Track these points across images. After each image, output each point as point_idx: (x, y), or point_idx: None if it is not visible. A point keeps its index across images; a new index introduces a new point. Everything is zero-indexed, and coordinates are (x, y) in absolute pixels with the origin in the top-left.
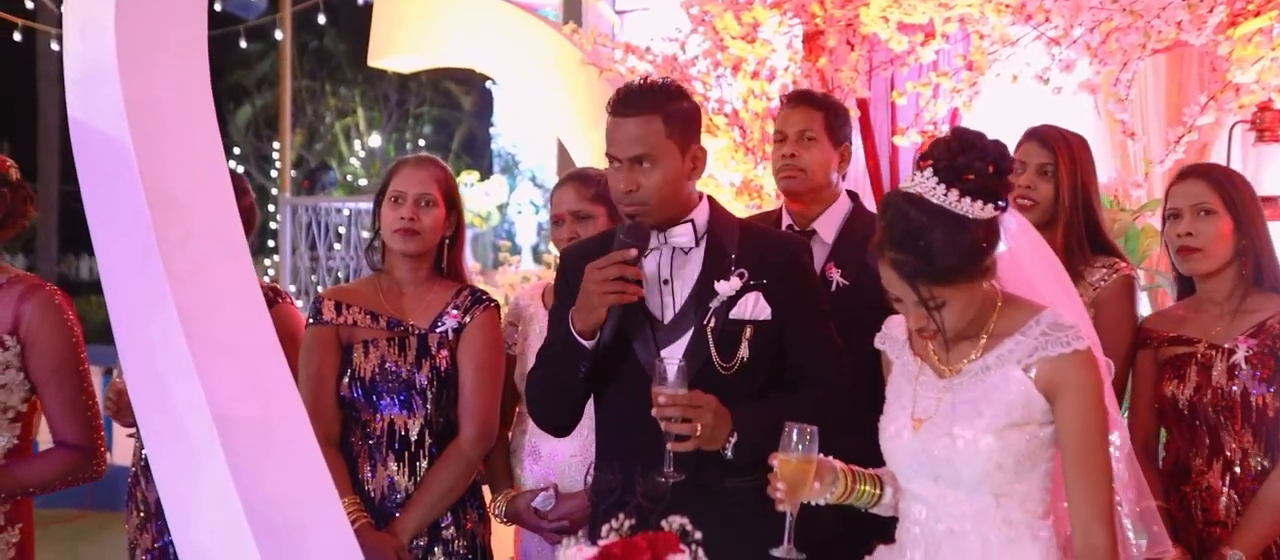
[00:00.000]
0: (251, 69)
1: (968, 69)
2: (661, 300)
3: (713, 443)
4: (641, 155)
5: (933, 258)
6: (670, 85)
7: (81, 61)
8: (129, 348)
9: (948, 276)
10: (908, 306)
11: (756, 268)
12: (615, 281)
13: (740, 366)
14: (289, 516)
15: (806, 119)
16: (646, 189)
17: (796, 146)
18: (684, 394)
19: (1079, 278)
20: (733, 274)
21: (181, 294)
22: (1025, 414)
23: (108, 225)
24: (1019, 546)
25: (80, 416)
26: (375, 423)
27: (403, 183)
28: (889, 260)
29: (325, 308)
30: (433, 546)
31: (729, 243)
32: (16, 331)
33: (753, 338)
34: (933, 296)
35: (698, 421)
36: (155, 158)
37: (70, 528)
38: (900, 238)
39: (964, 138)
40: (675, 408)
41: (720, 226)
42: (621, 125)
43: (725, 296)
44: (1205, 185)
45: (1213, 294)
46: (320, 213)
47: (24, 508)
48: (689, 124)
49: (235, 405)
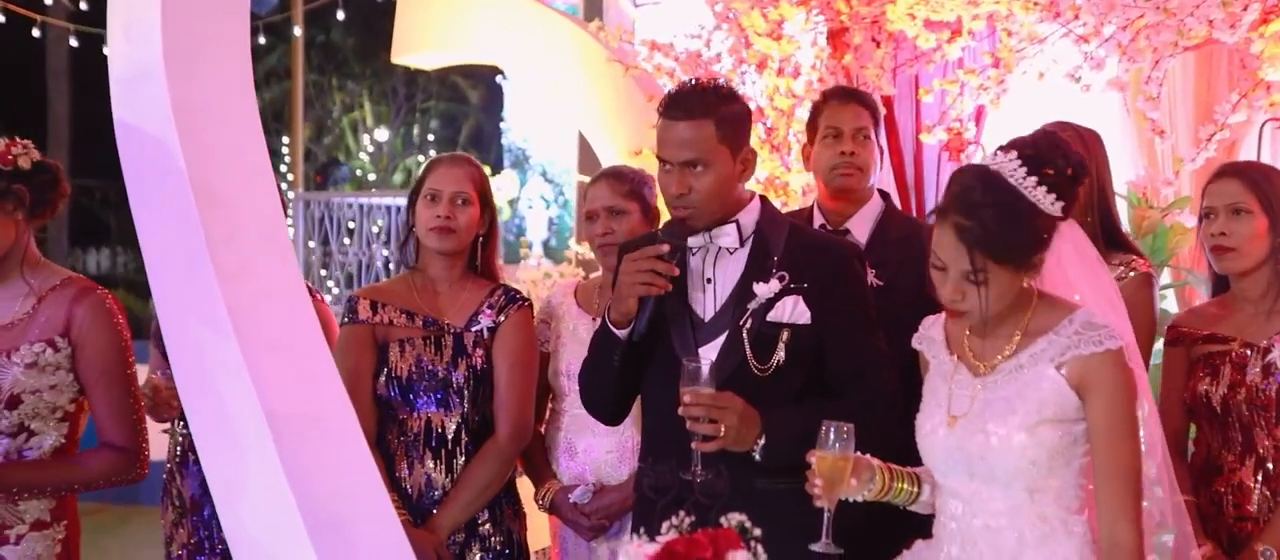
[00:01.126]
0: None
1: (995, 66)
2: (704, 299)
3: (740, 445)
4: (694, 160)
5: (996, 231)
6: (722, 88)
7: (126, 62)
8: (178, 346)
9: (1002, 254)
10: (951, 277)
11: (799, 271)
12: (646, 273)
13: (776, 369)
14: (339, 510)
15: (859, 116)
16: (698, 193)
17: (855, 144)
18: (708, 394)
19: None
20: (773, 276)
21: (229, 291)
22: (1058, 411)
23: (155, 224)
24: (1053, 541)
25: (126, 419)
26: (412, 421)
27: (438, 181)
28: (952, 224)
29: (361, 307)
30: (470, 543)
31: (775, 245)
32: (68, 333)
33: (790, 341)
34: (982, 270)
35: (722, 422)
36: (201, 157)
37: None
38: (970, 204)
39: (1052, 138)
40: (700, 407)
41: (769, 228)
42: (673, 128)
43: (763, 299)
44: (1240, 184)
45: (1247, 292)
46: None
47: (69, 505)
48: (740, 127)
49: (285, 401)
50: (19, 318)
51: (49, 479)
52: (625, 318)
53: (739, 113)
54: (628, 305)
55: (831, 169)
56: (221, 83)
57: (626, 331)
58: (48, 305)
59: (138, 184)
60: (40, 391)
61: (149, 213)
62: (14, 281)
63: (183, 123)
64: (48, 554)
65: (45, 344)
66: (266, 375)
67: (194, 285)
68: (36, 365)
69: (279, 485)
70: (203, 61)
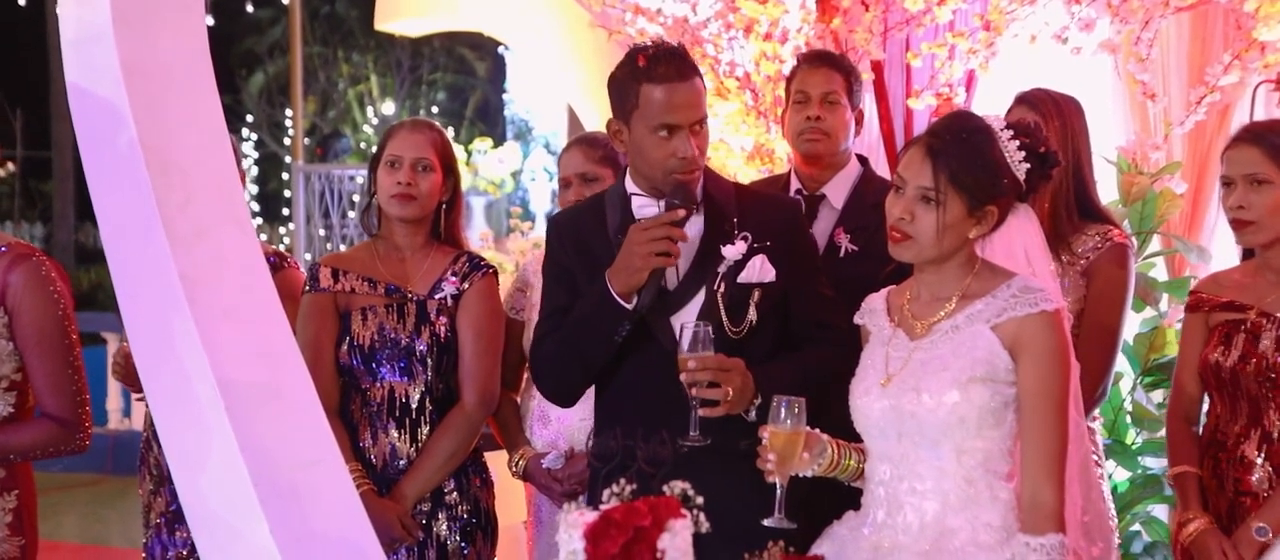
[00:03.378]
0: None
1: (985, 29)
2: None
3: (739, 406)
4: (703, 117)
5: (964, 157)
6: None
7: (77, 23)
8: (133, 313)
9: (963, 180)
10: (907, 194)
11: (758, 231)
12: (661, 242)
13: (749, 330)
14: (295, 479)
15: (829, 81)
16: (703, 152)
17: (821, 109)
18: (712, 357)
19: (1066, 246)
20: (737, 237)
21: (183, 258)
22: (989, 370)
23: (108, 190)
24: (977, 505)
25: (65, 389)
26: (375, 390)
27: (399, 147)
28: (924, 142)
29: (322, 274)
30: (436, 511)
31: (728, 207)
32: (4, 301)
33: (760, 301)
34: (942, 192)
35: (727, 385)
36: (154, 121)
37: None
38: (946, 130)
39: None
40: (706, 372)
41: (717, 191)
42: (682, 90)
43: (732, 260)
44: (1259, 152)
45: (1272, 261)
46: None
47: (20, 474)
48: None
49: (239, 369)
50: None
51: None
52: (631, 291)
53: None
54: (639, 277)
55: (799, 134)
56: (175, 45)
57: (633, 304)
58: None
59: (91, 149)
60: None
61: (102, 179)
62: None
63: (134, 86)
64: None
65: None
66: (221, 344)
67: (147, 252)
68: None
69: (232, 455)
70: (155, 24)
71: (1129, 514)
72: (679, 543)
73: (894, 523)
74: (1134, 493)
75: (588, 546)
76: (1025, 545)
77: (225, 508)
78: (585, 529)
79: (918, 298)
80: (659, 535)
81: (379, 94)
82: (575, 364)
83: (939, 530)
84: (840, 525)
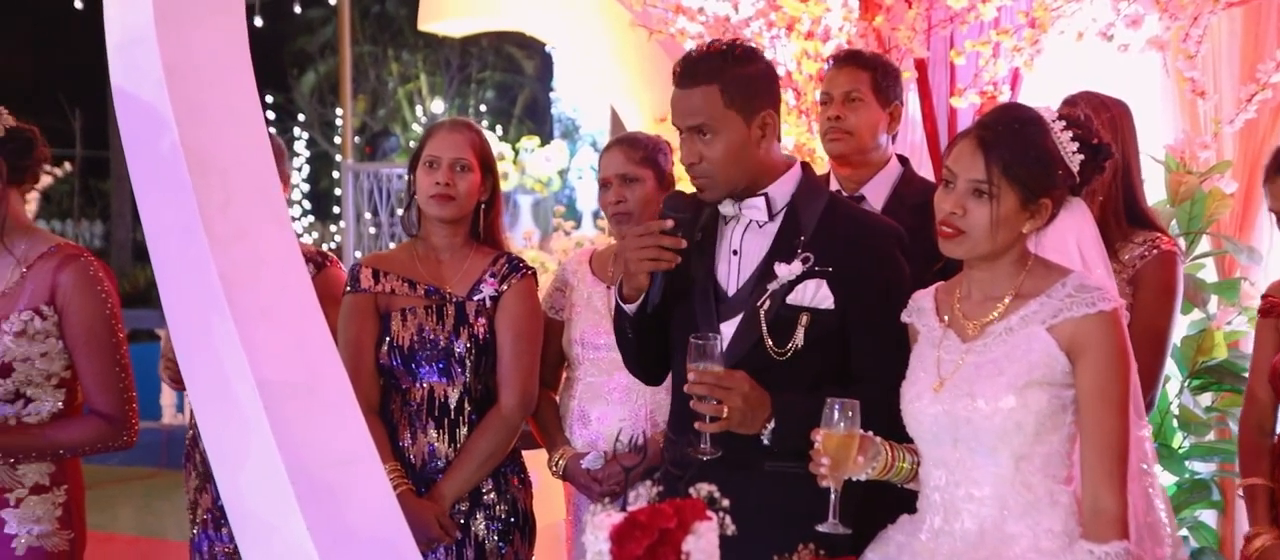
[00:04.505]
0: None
1: (1030, 26)
2: (730, 271)
3: (746, 427)
4: (699, 125)
5: (1017, 149)
6: (735, 49)
7: (121, 27)
8: (175, 313)
9: (1017, 172)
10: (958, 187)
11: (826, 253)
12: (651, 248)
13: (794, 353)
14: (331, 478)
15: (853, 79)
16: (709, 161)
17: (842, 108)
18: (714, 372)
19: (1114, 254)
20: (796, 257)
21: (222, 259)
22: (1047, 373)
23: (151, 191)
24: (1038, 511)
25: (112, 386)
26: (414, 390)
27: (437, 147)
28: (975, 135)
29: (363, 275)
30: (474, 511)
31: (805, 223)
32: (53, 301)
33: (809, 325)
34: (996, 185)
35: (727, 403)
36: (195, 123)
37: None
38: (998, 121)
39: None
40: (704, 386)
41: (804, 202)
42: (680, 97)
43: (783, 280)
44: None
45: None
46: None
47: (70, 469)
48: (754, 89)
49: (277, 369)
50: (9, 287)
51: (28, 445)
52: (636, 292)
53: (752, 75)
54: (638, 280)
55: (823, 134)
56: (216, 47)
57: (636, 306)
58: (35, 273)
59: (135, 151)
60: (31, 359)
61: (146, 180)
62: (3, 251)
63: (175, 88)
64: (48, 517)
65: (33, 312)
66: (259, 343)
67: (188, 253)
68: (25, 333)
69: (270, 453)
70: (196, 26)
71: (1176, 519)
72: (704, 545)
73: (951, 529)
74: (1181, 498)
75: (613, 548)
76: (1088, 553)
77: (263, 504)
78: (611, 530)
79: (968, 296)
80: (684, 537)
81: (428, 92)
82: (622, 354)
83: (999, 537)
84: (895, 530)
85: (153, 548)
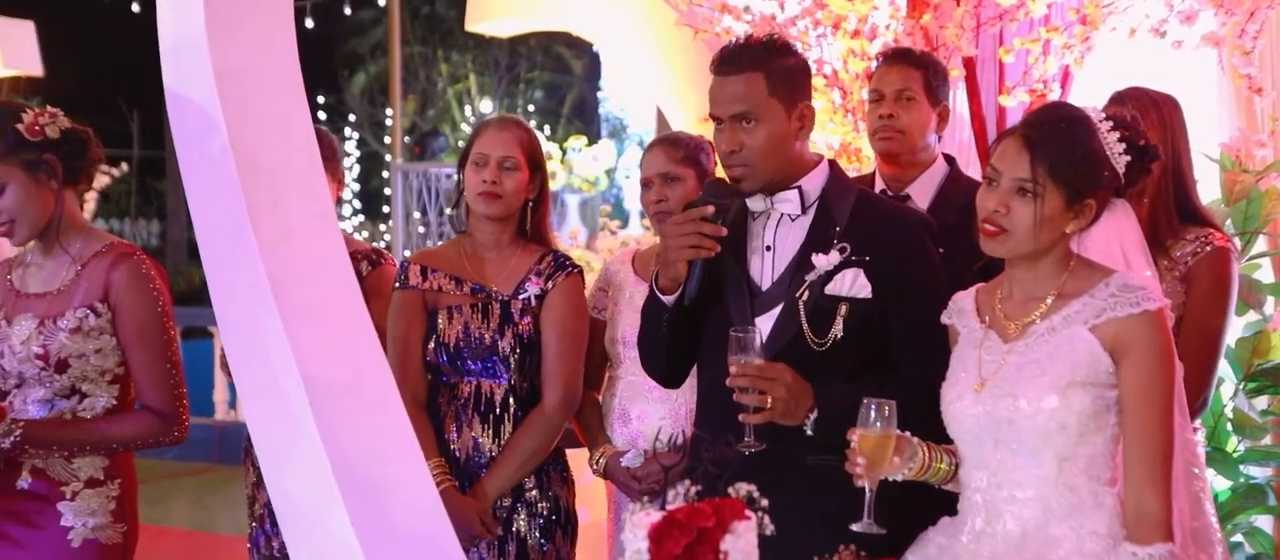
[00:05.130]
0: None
1: (1081, 23)
2: (763, 266)
3: (790, 418)
4: (743, 113)
5: (1063, 147)
6: (775, 41)
7: (173, 32)
8: (225, 311)
9: (1062, 171)
10: (1002, 185)
11: (862, 243)
12: (692, 236)
13: (833, 344)
14: (376, 475)
15: (904, 78)
16: (750, 149)
17: (894, 106)
18: (755, 365)
19: (1164, 251)
20: (834, 247)
21: (270, 258)
22: (1090, 373)
23: (202, 192)
24: (1082, 513)
25: (163, 382)
26: (461, 386)
27: (485, 145)
28: (1020, 133)
29: (411, 272)
30: (516, 508)
31: (839, 214)
32: (107, 298)
33: (848, 316)
34: (1040, 184)
35: (770, 394)
36: (244, 125)
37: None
38: (1044, 120)
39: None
40: (746, 378)
41: (834, 195)
42: (722, 84)
43: (821, 270)
44: None
45: None
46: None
47: (123, 463)
48: (794, 81)
49: (323, 367)
50: (64, 284)
51: (83, 438)
52: (673, 283)
53: (793, 67)
54: (676, 270)
55: (873, 133)
56: (265, 51)
57: (674, 297)
58: (89, 271)
59: (186, 153)
60: (86, 355)
61: (197, 181)
62: (59, 250)
63: (226, 91)
64: (102, 510)
65: (87, 309)
66: (305, 341)
67: (237, 252)
68: (81, 330)
69: (316, 449)
70: (246, 29)
71: (1230, 524)
72: (743, 544)
73: (993, 531)
74: (1235, 502)
75: (651, 546)
76: (1132, 555)
77: (309, 500)
78: (649, 529)
79: (1010, 297)
80: (722, 536)
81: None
82: (649, 352)
83: (1042, 539)
84: (935, 532)
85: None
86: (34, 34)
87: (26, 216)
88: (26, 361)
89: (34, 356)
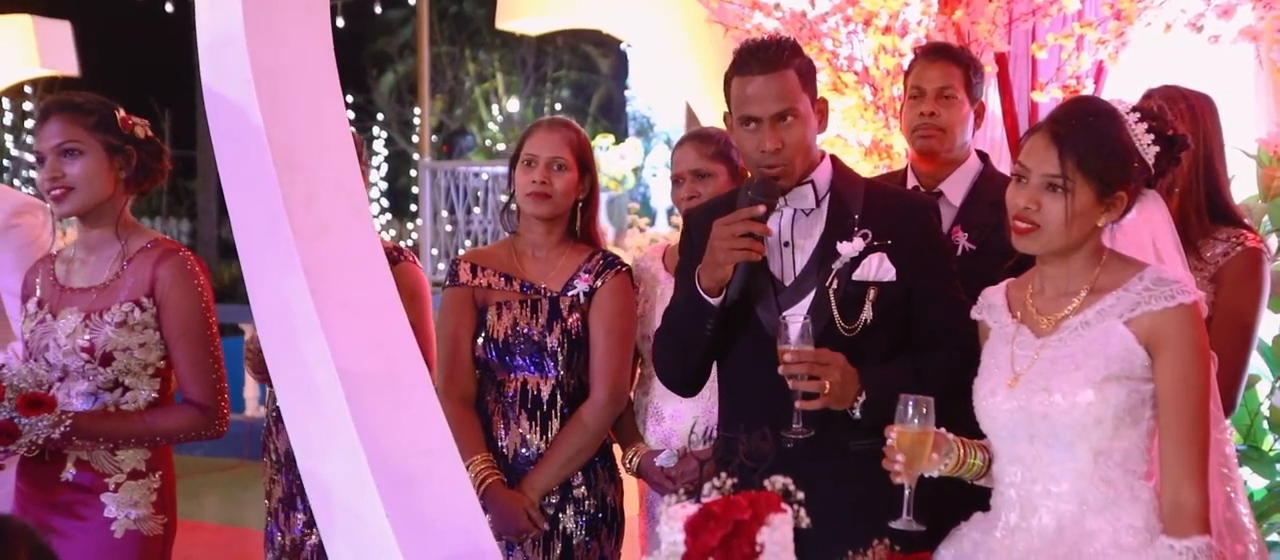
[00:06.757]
0: (394, 35)
1: (1115, 18)
2: (783, 263)
3: (842, 402)
4: (784, 111)
5: (1092, 142)
6: (789, 40)
7: (211, 29)
8: (261, 305)
9: (1091, 165)
10: (1032, 182)
11: (881, 228)
12: (743, 238)
13: (863, 328)
14: (410, 466)
15: (946, 75)
16: (791, 145)
17: (936, 104)
18: (810, 351)
19: (1195, 250)
20: (856, 235)
21: (307, 253)
22: (1125, 367)
23: (238, 187)
24: (1118, 507)
25: (206, 377)
26: (509, 383)
27: (536, 146)
28: (1048, 128)
29: (462, 270)
30: (564, 505)
31: (853, 203)
32: (153, 294)
33: (876, 300)
34: (1070, 178)
35: (825, 378)
36: (281, 121)
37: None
38: (1072, 115)
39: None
40: (801, 365)
41: (843, 186)
42: (764, 82)
43: (848, 258)
44: None
45: None
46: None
47: (164, 456)
48: (813, 76)
49: (358, 360)
50: (111, 279)
51: (129, 431)
52: (718, 285)
53: (809, 63)
54: (724, 272)
55: (913, 130)
56: (301, 48)
57: (720, 299)
58: (135, 267)
59: (223, 148)
60: (131, 349)
61: (233, 176)
62: (108, 244)
63: (263, 87)
64: (144, 502)
65: (133, 304)
66: (341, 335)
67: (274, 247)
68: (126, 324)
69: (351, 442)
70: (283, 27)
71: (1265, 523)
72: (778, 537)
73: (1028, 526)
74: (1271, 501)
75: (687, 538)
76: (1170, 549)
77: (344, 491)
78: (685, 521)
79: (1041, 292)
80: (758, 528)
81: (504, 92)
82: (676, 356)
83: (1078, 533)
84: (969, 527)
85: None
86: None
87: (87, 190)
88: (72, 355)
89: (80, 350)
